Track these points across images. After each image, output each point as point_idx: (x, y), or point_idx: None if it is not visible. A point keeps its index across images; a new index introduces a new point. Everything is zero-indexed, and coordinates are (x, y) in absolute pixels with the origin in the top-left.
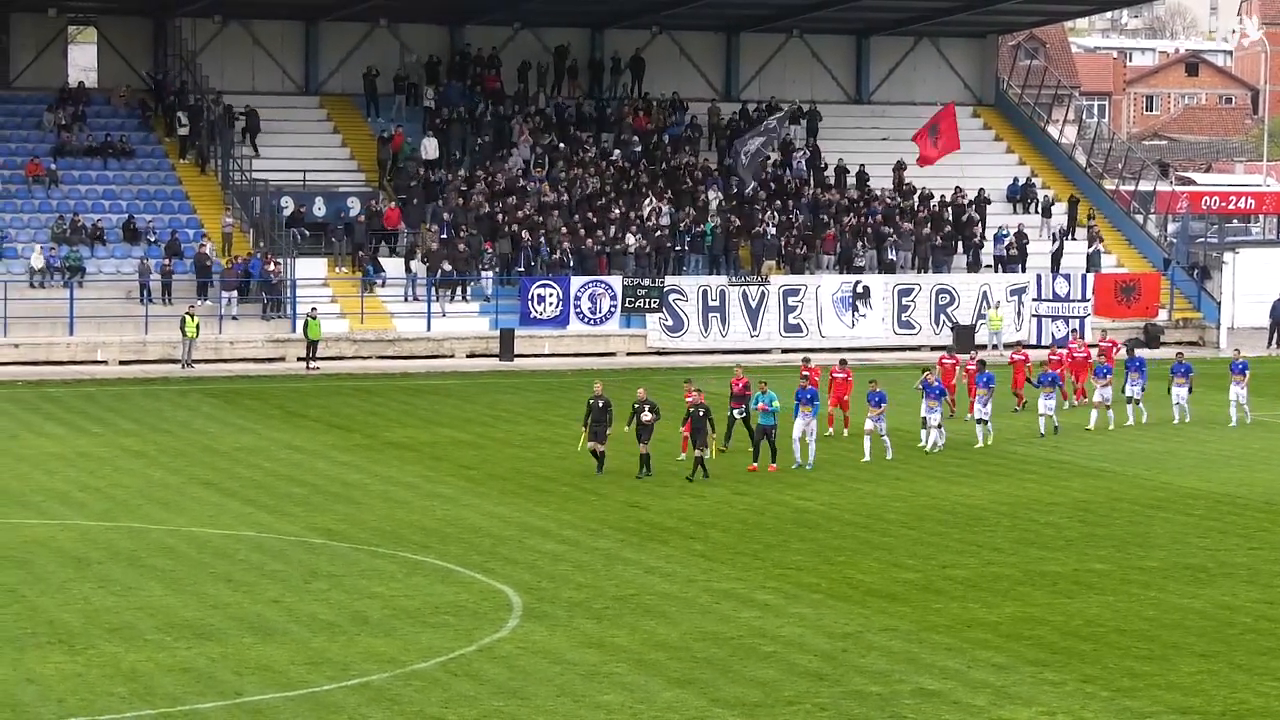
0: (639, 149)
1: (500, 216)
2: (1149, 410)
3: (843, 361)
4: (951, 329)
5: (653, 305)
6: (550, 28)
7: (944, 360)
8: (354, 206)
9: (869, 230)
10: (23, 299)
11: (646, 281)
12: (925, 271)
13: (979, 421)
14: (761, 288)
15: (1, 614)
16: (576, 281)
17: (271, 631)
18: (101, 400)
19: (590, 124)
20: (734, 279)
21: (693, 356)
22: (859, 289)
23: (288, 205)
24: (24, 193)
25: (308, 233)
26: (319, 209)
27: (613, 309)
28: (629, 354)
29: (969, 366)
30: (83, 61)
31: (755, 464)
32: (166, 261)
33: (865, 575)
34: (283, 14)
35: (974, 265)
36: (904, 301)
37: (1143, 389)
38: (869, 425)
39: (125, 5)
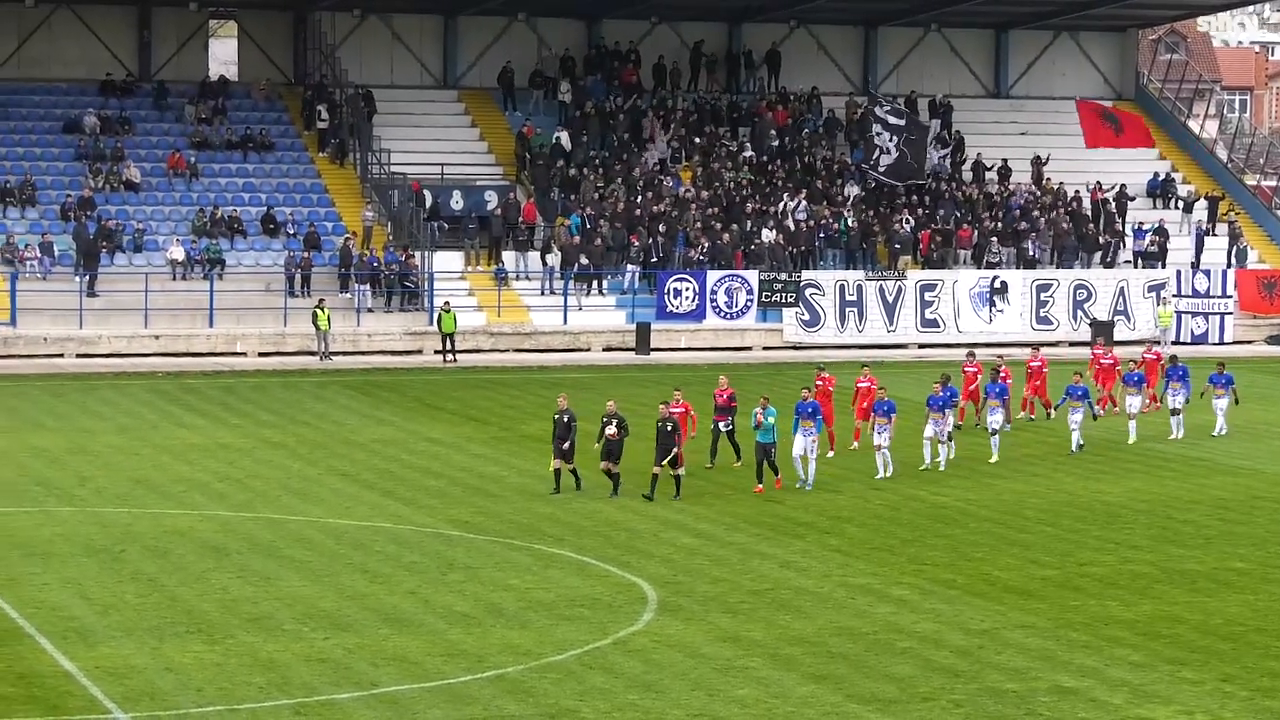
0: (776, 144)
1: (638, 211)
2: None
3: (865, 366)
4: (1090, 324)
5: (789, 300)
6: (687, 22)
7: (966, 367)
8: (491, 200)
9: (1010, 228)
10: (163, 291)
11: (783, 276)
12: (1063, 267)
13: (992, 433)
14: (898, 283)
15: (141, 603)
16: (713, 276)
17: (407, 623)
18: (241, 392)
19: (727, 119)
20: (871, 274)
21: (829, 351)
22: (997, 284)
23: (426, 198)
24: (165, 185)
25: (445, 226)
26: (456, 202)
27: (749, 303)
28: (765, 348)
29: (1000, 369)
30: (223, 55)
31: (761, 485)
32: (306, 254)
33: (1002, 572)
34: (422, 8)
35: (1112, 261)
36: (1042, 297)
37: (1186, 400)
38: (877, 440)
39: None
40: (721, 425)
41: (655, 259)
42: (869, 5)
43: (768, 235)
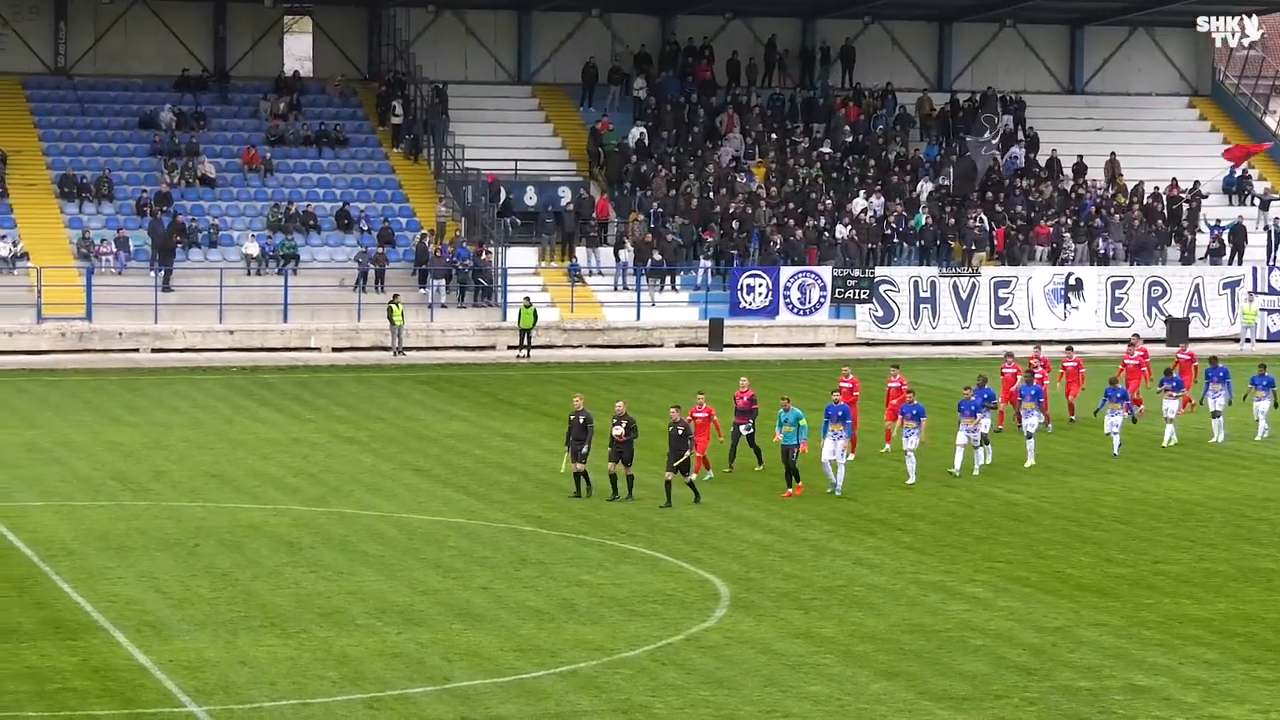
0: (850, 140)
1: (715, 208)
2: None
3: (895, 365)
4: (1165, 321)
5: (863, 296)
6: (761, 17)
7: (1005, 368)
8: (564, 196)
9: (1082, 223)
10: (238, 286)
11: (857, 272)
12: (1138, 264)
13: (1028, 436)
14: (972, 279)
15: (215, 597)
16: (786, 272)
17: (480, 618)
18: (315, 387)
19: (800, 115)
20: (945, 270)
21: (902, 348)
22: (1071, 281)
23: (499, 194)
24: (240, 181)
25: (519, 221)
26: (530, 198)
27: (822, 299)
28: (838, 345)
29: (1035, 371)
30: (298, 51)
31: (790, 490)
32: (380, 250)
33: (1075, 569)
34: (496, 3)
35: (1188, 258)
36: (1116, 294)
37: (1228, 401)
38: (907, 444)
39: None
40: (743, 428)
41: (733, 247)
42: (943, 1)
43: (841, 231)
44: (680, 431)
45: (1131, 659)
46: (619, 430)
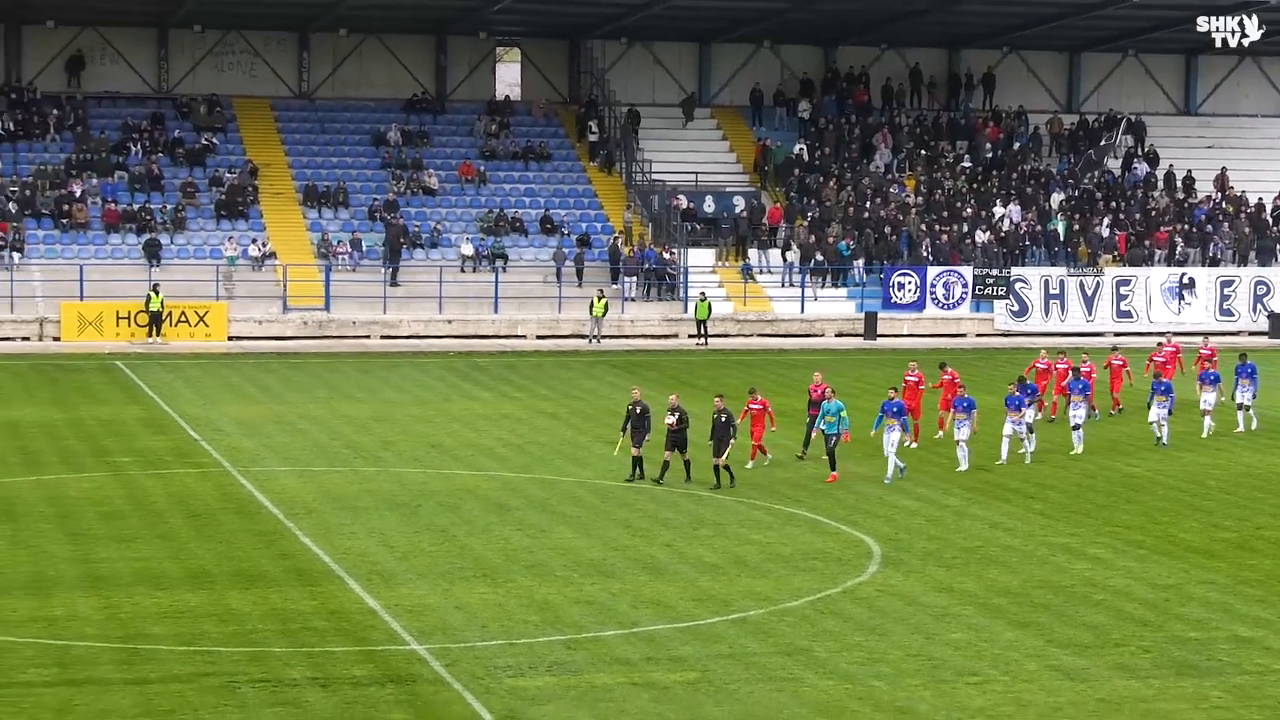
0: (990, 155)
1: (866, 215)
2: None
3: (942, 365)
4: (1268, 317)
5: (1000, 293)
6: (912, 48)
7: (1058, 364)
8: (739, 204)
9: (1193, 229)
10: (455, 281)
11: (995, 271)
12: (1245, 265)
13: (1074, 427)
14: (1097, 278)
15: (435, 550)
16: (933, 271)
17: (663, 571)
18: (521, 370)
19: (947, 133)
20: (1072, 270)
21: (1035, 338)
22: (1185, 280)
23: (681, 202)
24: (457, 190)
25: (699, 226)
26: (708, 206)
27: (964, 295)
28: (978, 335)
29: (1083, 367)
30: (508, 78)
31: (834, 474)
32: (580, 251)
33: (1186, 534)
34: (680, 36)
35: None
36: (1225, 291)
37: (1254, 395)
38: (958, 434)
39: (546, 29)
40: (822, 424)
41: (884, 250)
42: (1074, 33)
43: (981, 236)
44: (724, 419)
45: (1236, 613)
46: (671, 420)
